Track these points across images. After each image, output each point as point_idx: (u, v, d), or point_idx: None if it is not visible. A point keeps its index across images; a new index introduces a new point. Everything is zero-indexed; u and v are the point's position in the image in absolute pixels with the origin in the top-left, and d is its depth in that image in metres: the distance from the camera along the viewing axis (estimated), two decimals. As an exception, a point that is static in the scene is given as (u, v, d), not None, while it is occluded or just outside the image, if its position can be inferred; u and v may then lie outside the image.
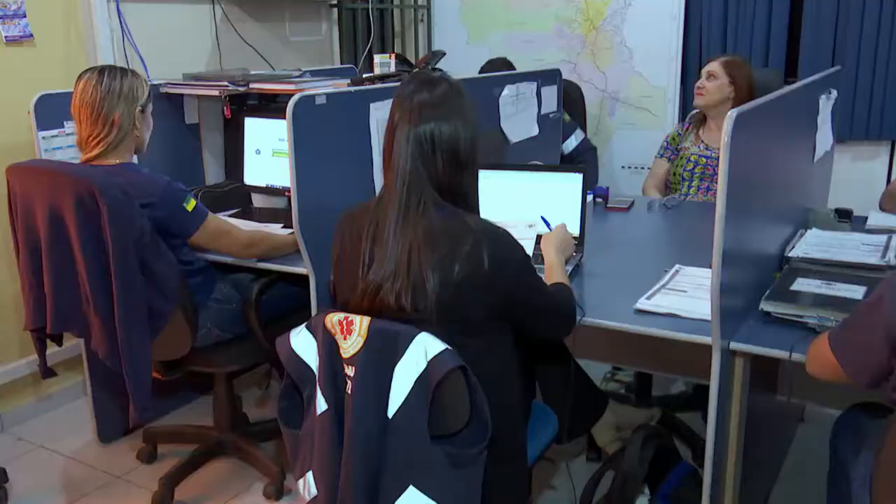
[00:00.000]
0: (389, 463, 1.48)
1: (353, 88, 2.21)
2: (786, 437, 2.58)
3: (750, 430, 1.82)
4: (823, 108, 2.40)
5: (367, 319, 1.47)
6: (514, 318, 1.61)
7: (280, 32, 3.83)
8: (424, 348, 1.44)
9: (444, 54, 2.65)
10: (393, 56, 2.53)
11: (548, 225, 2.00)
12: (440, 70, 2.48)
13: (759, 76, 3.22)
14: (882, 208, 2.69)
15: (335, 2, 4.07)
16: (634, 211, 2.83)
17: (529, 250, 1.95)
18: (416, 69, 2.55)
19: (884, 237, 2.18)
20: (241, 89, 2.66)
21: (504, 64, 3.69)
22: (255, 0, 3.60)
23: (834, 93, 2.55)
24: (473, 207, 1.63)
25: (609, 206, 2.85)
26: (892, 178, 3.53)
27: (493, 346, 1.59)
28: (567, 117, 3.60)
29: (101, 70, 2.17)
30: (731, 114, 1.44)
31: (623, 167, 4.37)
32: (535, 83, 3.05)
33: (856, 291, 1.78)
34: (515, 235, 1.60)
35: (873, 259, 1.98)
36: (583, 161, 3.62)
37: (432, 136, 1.51)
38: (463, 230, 1.50)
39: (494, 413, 1.52)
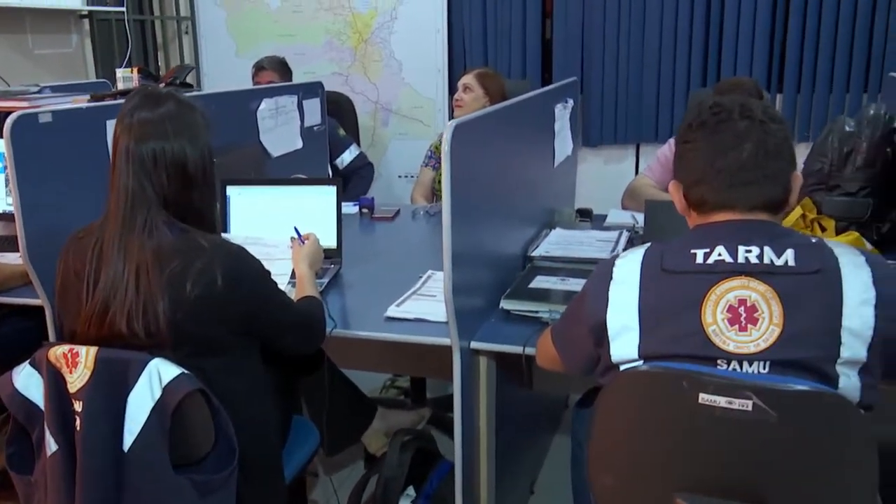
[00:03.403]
0: (129, 499, 1.41)
1: (84, 105, 2.08)
2: (549, 424, 2.74)
3: (505, 424, 1.91)
4: (560, 116, 2.59)
5: (93, 350, 1.40)
6: (257, 334, 1.58)
7: (21, 45, 3.53)
8: (158, 374, 1.39)
9: (193, 68, 2.58)
10: (136, 70, 2.41)
11: (300, 236, 2.00)
12: (190, 85, 2.40)
13: (516, 87, 3.41)
14: (623, 206, 2.94)
15: (85, 12, 3.82)
16: (399, 220, 2.90)
17: (289, 269, 1.94)
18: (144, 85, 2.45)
19: (616, 233, 2.39)
20: (-36, 107, 2.42)
21: (278, 63, 3.61)
22: (-13, 9, 3.30)
23: (570, 101, 2.75)
24: (210, 226, 1.58)
25: (374, 216, 2.89)
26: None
27: (239, 365, 1.56)
28: (342, 132, 3.61)
29: None
30: (450, 124, 1.50)
31: (400, 176, 4.47)
32: (296, 96, 3.03)
33: (585, 285, 1.93)
34: (277, 255, 1.59)
35: (603, 254, 2.16)
36: (359, 176, 3.65)
37: (154, 155, 1.46)
38: (194, 249, 1.46)
39: (244, 433, 1.50)
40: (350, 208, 2.93)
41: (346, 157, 3.57)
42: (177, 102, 1.50)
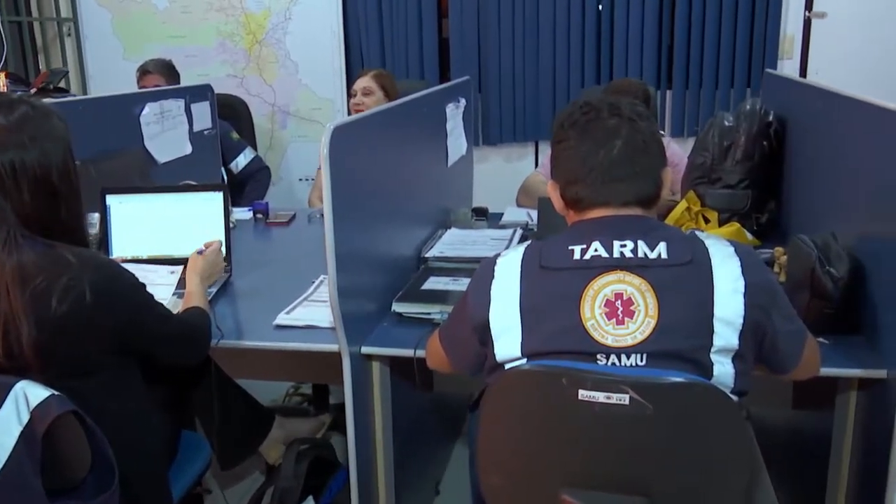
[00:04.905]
0: (-2, 533, 1.33)
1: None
2: (453, 425, 2.74)
3: (404, 427, 1.89)
4: (452, 116, 2.59)
5: (-50, 375, 1.30)
6: (134, 348, 1.52)
7: None
8: (25, 397, 1.31)
9: (66, 72, 2.46)
10: (4, 75, 2.28)
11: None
12: (64, 90, 2.29)
13: (413, 87, 3.39)
14: (518, 204, 2.97)
15: (-46, 14, 3.61)
16: (295, 224, 2.84)
17: (169, 293, 1.87)
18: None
19: (510, 231, 2.40)
20: None
21: (164, 66, 3.47)
22: None
23: (463, 101, 2.75)
24: (80, 238, 1.50)
25: (269, 221, 2.83)
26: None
27: (116, 382, 1.49)
28: (235, 135, 3.52)
29: None
30: (329, 126, 1.48)
31: (300, 179, 4.41)
32: (184, 99, 2.93)
33: (478, 285, 1.93)
34: (157, 280, 1.52)
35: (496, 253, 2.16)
36: (255, 181, 3.57)
37: (14, 167, 1.37)
38: (60, 264, 1.38)
39: (126, 452, 1.43)
40: (244, 213, 2.86)
41: (241, 161, 3.49)
42: (31, 107, 1.41)
